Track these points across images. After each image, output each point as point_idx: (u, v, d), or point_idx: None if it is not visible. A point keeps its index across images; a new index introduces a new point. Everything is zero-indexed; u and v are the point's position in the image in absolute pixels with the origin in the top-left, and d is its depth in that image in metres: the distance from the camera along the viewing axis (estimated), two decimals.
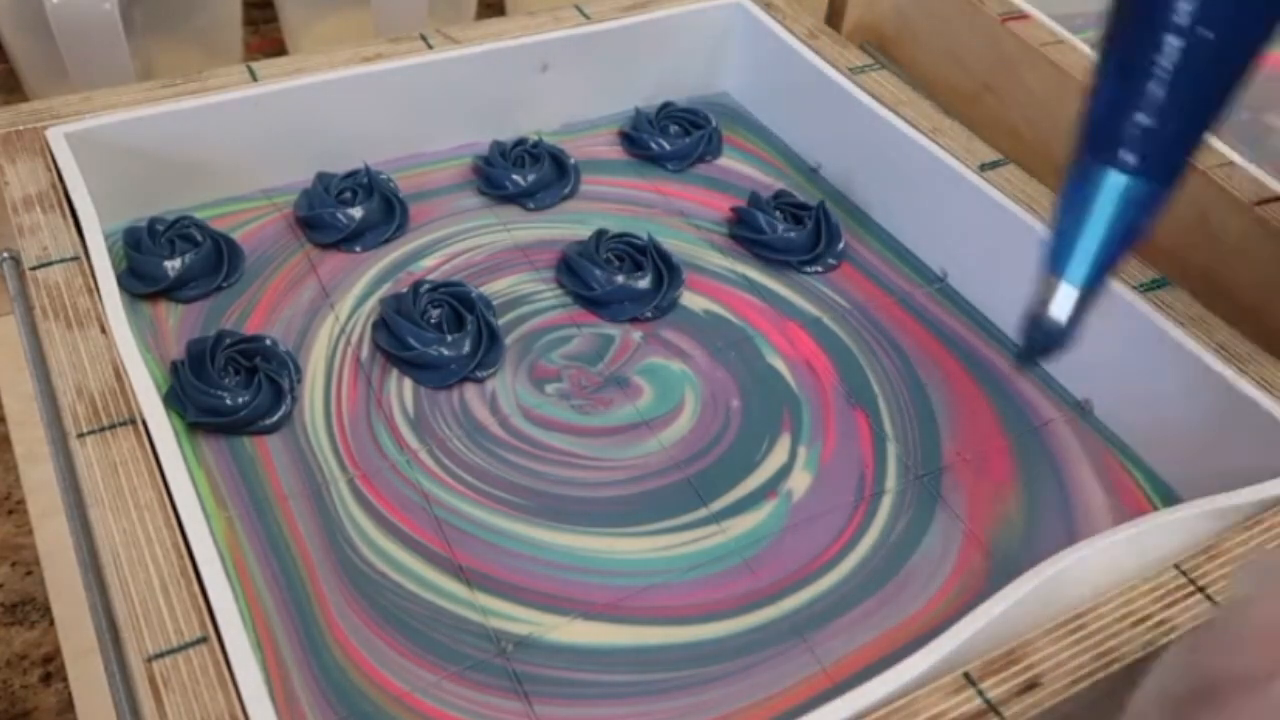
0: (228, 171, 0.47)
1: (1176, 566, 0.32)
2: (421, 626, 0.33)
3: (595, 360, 0.43)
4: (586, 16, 0.53)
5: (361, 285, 0.45)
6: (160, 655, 0.28)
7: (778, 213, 0.49)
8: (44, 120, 0.44)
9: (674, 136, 0.53)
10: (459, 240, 0.47)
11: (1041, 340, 0.30)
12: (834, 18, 0.64)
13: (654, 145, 0.53)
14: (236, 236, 0.46)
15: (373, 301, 0.44)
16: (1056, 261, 0.30)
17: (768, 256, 0.48)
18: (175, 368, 0.39)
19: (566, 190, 0.50)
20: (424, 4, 0.61)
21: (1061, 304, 0.30)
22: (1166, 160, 0.28)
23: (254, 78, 0.47)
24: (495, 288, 0.45)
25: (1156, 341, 0.39)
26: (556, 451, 0.39)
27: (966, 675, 0.28)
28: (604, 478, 0.38)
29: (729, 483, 0.38)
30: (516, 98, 0.52)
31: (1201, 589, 0.31)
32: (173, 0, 0.61)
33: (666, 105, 0.55)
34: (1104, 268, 0.30)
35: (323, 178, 0.47)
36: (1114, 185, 0.28)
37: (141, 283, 0.43)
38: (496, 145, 0.51)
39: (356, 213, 0.46)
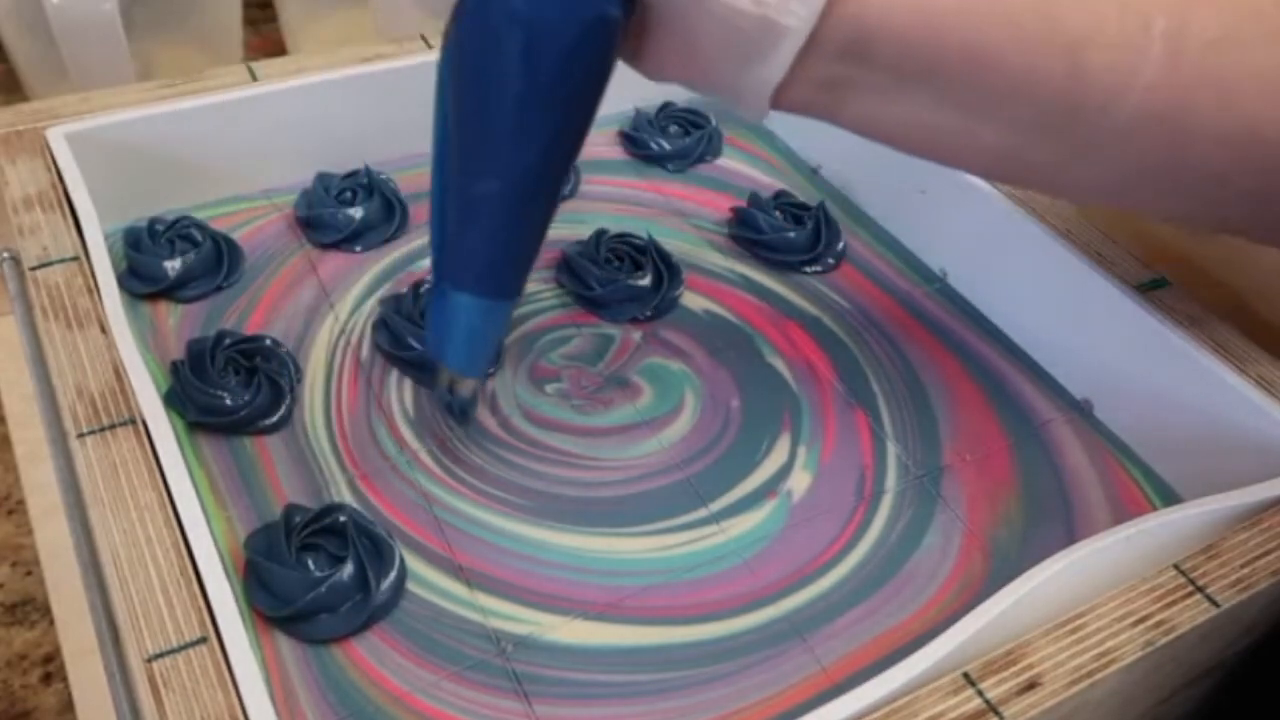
0: (228, 172, 0.47)
1: (1176, 566, 0.32)
2: (421, 626, 0.33)
3: (595, 360, 0.43)
4: None
5: (361, 285, 0.45)
6: (160, 655, 0.28)
7: (778, 213, 0.48)
8: (44, 120, 0.44)
9: (674, 136, 0.53)
10: None
11: (459, 411, 0.37)
12: None
13: (654, 145, 0.53)
14: (236, 236, 0.46)
15: (373, 301, 0.44)
16: (445, 358, 0.36)
17: (768, 257, 0.48)
18: (175, 368, 0.39)
19: (566, 190, 0.50)
20: (424, 4, 0.61)
21: (462, 386, 0.37)
22: (495, 283, 0.34)
23: (254, 78, 0.47)
24: None
25: (1156, 341, 0.39)
26: (556, 451, 0.39)
27: (966, 675, 0.28)
28: (604, 478, 0.38)
29: (729, 483, 0.38)
30: None
31: (1201, 589, 0.31)
32: (173, 0, 0.61)
33: (667, 105, 0.55)
34: (482, 359, 0.36)
35: (323, 178, 0.47)
36: (460, 303, 0.34)
37: (141, 283, 0.43)
38: None
39: (356, 213, 0.46)
